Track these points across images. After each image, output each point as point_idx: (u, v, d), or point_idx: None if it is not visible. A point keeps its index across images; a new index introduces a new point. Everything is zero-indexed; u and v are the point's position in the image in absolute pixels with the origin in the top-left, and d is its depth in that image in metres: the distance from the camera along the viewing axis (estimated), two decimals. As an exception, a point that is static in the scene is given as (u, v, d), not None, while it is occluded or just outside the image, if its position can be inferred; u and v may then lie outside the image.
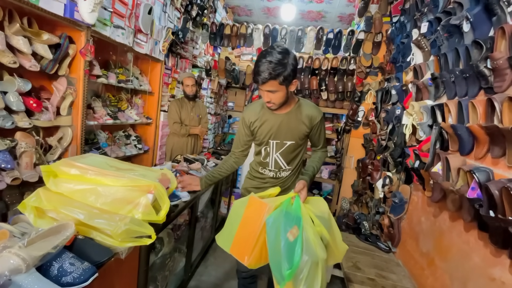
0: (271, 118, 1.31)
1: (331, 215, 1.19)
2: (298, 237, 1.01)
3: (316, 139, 1.42)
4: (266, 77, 1.11)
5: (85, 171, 0.96)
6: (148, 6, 2.09)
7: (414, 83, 1.87)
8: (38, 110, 1.52)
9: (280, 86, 1.14)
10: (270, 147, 1.35)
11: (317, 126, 1.35)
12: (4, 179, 1.35)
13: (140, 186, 0.98)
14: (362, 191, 2.96)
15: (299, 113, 1.31)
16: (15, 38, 1.34)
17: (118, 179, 0.96)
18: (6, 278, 0.64)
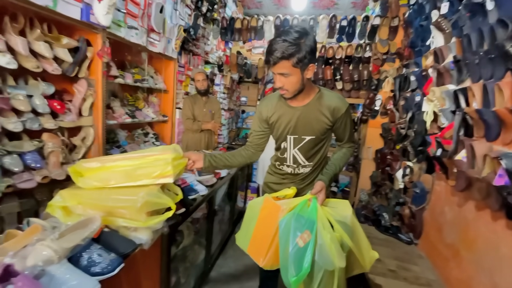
0: (288, 111, 1.21)
1: (355, 220, 1.09)
2: (309, 242, 0.95)
3: (340, 133, 1.27)
4: (277, 56, 1.00)
5: (104, 161, 0.99)
6: (159, 4, 2.12)
7: (435, 67, 1.78)
8: (62, 111, 1.59)
9: (293, 68, 1.03)
10: (287, 142, 1.26)
11: (341, 118, 1.20)
12: (34, 178, 1.43)
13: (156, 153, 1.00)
14: (381, 182, 2.89)
15: (320, 104, 1.18)
16: (37, 43, 1.41)
17: (135, 157, 0.99)
18: (40, 269, 0.69)
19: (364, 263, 1.08)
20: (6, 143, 1.38)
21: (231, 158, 1.33)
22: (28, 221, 1.01)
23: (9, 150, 1.35)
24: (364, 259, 1.08)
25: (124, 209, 0.91)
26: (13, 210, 1.46)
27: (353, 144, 1.35)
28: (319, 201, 1.07)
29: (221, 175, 2.01)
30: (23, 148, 1.41)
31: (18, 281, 0.61)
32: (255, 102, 4.63)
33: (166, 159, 0.98)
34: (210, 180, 1.83)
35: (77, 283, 0.70)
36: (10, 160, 1.35)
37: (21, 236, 0.89)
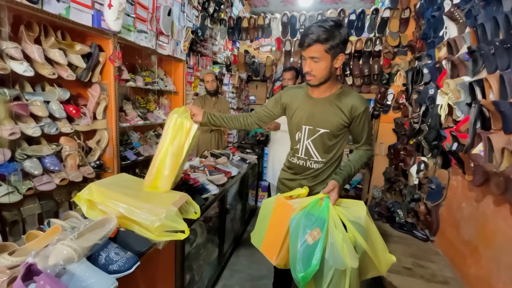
0: (307, 101, 1.25)
1: (369, 221, 1.06)
2: (319, 240, 0.94)
3: (357, 133, 1.26)
4: (313, 38, 1.04)
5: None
6: (167, 7, 2.15)
7: (449, 59, 1.72)
8: (78, 116, 1.65)
9: (325, 54, 1.06)
10: (302, 132, 1.28)
11: (358, 118, 1.20)
12: (53, 180, 1.49)
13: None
14: (395, 178, 2.83)
15: (339, 101, 1.20)
16: (52, 51, 1.46)
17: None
18: (61, 267, 0.73)
19: (380, 266, 1.04)
20: (26, 147, 1.45)
21: (229, 121, 1.38)
22: (49, 222, 1.06)
23: (29, 154, 1.41)
24: (380, 262, 1.04)
25: (141, 225, 0.96)
26: (34, 212, 1.53)
27: (370, 147, 1.33)
28: (331, 200, 1.06)
29: (232, 174, 2.03)
30: (42, 152, 1.47)
31: (41, 279, 0.64)
32: (264, 100, 4.62)
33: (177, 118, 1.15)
34: (221, 179, 1.85)
35: (96, 280, 0.73)
36: (30, 163, 1.41)
37: (43, 236, 0.94)
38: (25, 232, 1.49)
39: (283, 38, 3.39)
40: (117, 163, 1.92)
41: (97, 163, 1.78)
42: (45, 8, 1.30)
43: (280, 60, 3.60)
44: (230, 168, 2.11)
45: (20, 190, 1.34)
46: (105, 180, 1.16)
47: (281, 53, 3.51)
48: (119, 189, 1.04)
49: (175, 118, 1.15)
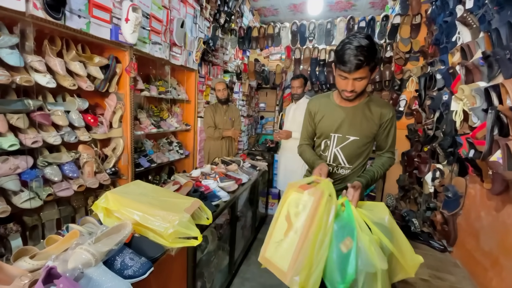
0: (336, 110, 1.26)
1: (393, 222, 1.05)
2: (352, 248, 0.92)
3: (382, 140, 1.28)
4: (361, 62, 1.03)
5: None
6: (180, 20, 2.23)
7: (463, 64, 1.69)
8: (95, 124, 1.72)
9: (368, 72, 1.09)
10: (330, 140, 1.29)
11: (385, 124, 1.22)
12: (71, 186, 1.55)
13: None
14: (409, 186, 2.76)
15: (367, 108, 1.22)
16: (72, 63, 1.54)
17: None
18: (79, 271, 0.75)
19: (408, 267, 1.01)
20: (47, 155, 1.52)
21: (315, 154, 1.37)
22: (67, 227, 1.10)
23: (49, 161, 1.48)
24: (407, 263, 1.01)
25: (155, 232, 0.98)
26: (53, 217, 1.59)
27: (393, 155, 1.33)
28: (353, 200, 1.05)
29: (242, 181, 2.04)
30: (62, 159, 1.54)
31: (60, 282, 0.67)
32: (274, 107, 4.65)
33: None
34: (232, 186, 1.86)
35: (112, 285, 0.75)
36: (51, 170, 1.47)
37: (62, 241, 0.97)
38: (44, 236, 1.56)
39: (292, 46, 3.43)
40: (132, 170, 1.97)
41: (113, 170, 1.84)
42: (67, 24, 1.38)
43: (289, 68, 3.64)
44: (240, 175, 2.12)
45: (41, 196, 1.40)
46: (120, 188, 1.20)
47: (291, 61, 3.55)
48: (134, 196, 1.07)
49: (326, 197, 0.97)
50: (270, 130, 4.71)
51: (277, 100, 4.42)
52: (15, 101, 1.34)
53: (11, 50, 1.25)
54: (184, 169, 2.91)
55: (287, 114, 2.82)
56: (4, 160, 1.28)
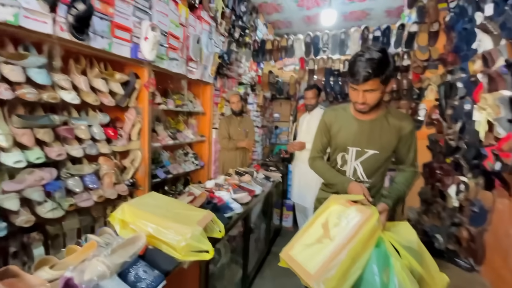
0: (353, 123, 1.23)
1: (421, 244, 1.03)
2: (390, 276, 0.90)
3: (403, 154, 1.23)
4: (369, 74, 1.03)
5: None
6: (196, 36, 2.32)
7: (485, 72, 1.63)
8: (115, 137, 1.80)
9: (380, 85, 1.08)
10: (348, 154, 1.26)
11: (405, 138, 1.19)
12: (91, 197, 1.62)
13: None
14: (432, 199, 2.63)
15: (386, 121, 1.20)
16: (95, 80, 1.64)
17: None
18: (94, 283, 0.77)
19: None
20: (70, 167, 1.60)
21: (332, 170, 1.34)
22: (86, 237, 1.14)
23: (72, 173, 1.56)
24: (436, 284, 1.00)
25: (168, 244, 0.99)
26: (74, 226, 1.65)
27: (416, 168, 1.27)
28: (381, 225, 1.01)
29: (256, 192, 2.03)
30: (84, 171, 1.61)
31: (77, 293, 0.69)
32: (288, 117, 4.64)
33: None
34: (245, 198, 1.85)
35: (125, 298, 0.76)
36: (73, 182, 1.55)
37: (80, 251, 1.01)
38: (65, 245, 1.62)
39: (306, 57, 3.44)
40: (148, 181, 2.03)
41: (130, 181, 1.90)
42: (91, 44, 1.48)
43: (303, 78, 3.64)
44: (254, 187, 2.12)
45: (63, 206, 1.47)
46: (136, 200, 1.23)
47: (305, 71, 3.56)
48: (149, 208, 1.09)
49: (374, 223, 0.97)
50: (284, 140, 4.69)
51: (291, 110, 4.42)
52: (42, 117, 1.43)
53: (39, 69, 1.35)
54: (199, 180, 2.95)
55: (300, 124, 2.81)
56: (30, 172, 1.36)
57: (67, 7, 1.32)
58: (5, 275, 0.82)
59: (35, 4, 1.22)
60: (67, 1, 1.32)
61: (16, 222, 1.27)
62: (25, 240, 1.40)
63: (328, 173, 1.33)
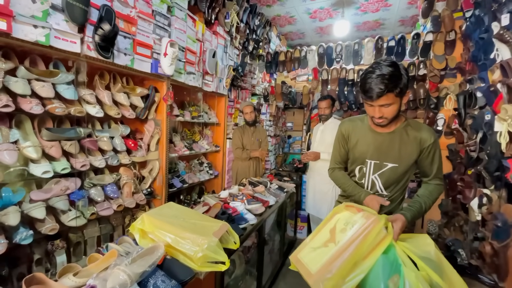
0: (371, 135, 1.22)
1: (440, 255, 1.00)
2: (400, 285, 0.87)
3: (426, 166, 1.21)
4: (382, 90, 1.02)
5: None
6: (212, 50, 2.41)
7: (504, 82, 1.58)
8: (135, 148, 1.87)
9: (395, 98, 1.07)
10: (366, 167, 1.24)
11: (427, 150, 1.16)
12: (111, 206, 1.68)
13: None
14: (453, 212, 2.53)
15: (405, 133, 1.18)
16: (118, 95, 1.73)
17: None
18: (117, 290, 0.80)
19: None
20: (92, 177, 1.67)
21: (352, 182, 1.32)
22: (107, 246, 1.18)
23: (94, 183, 1.63)
24: None
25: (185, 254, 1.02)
26: (95, 234, 1.72)
27: (441, 181, 1.25)
28: (394, 234, 0.99)
29: (270, 203, 2.04)
30: (105, 181, 1.68)
31: (101, 300, 0.72)
32: (301, 127, 4.65)
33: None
34: (259, 209, 1.86)
35: (145, 306, 0.79)
36: (95, 191, 1.62)
37: (102, 260, 1.05)
38: (86, 252, 1.68)
39: (319, 68, 3.46)
40: (165, 190, 2.08)
41: (148, 191, 1.96)
42: (115, 61, 1.57)
43: (317, 88, 3.66)
44: (267, 197, 2.12)
45: (85, 215, 1.53)
46: (155, 210, 1.27)
47: (318, 82, 3.57)
48: (167, 218, 1.13)
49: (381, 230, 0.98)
50: (297, 149, 4.68)
51: (305, 119, 4.43)
52: (69, 130, 1.52)
53: (68, 85, 1.45)
54: (213, 189, 2.99)
55: (314, 134, 2.80)
56: (56, 182, 1.44)
57: (94, 27, 1.42)
58: (32, 282, 0.87)
59: (64, 25, 1.32)
60: (94, 22, 1.42)
61: (42, 230, 1.34)
62: (49, 248, 1.46)
63: (347, 184, 1.32)
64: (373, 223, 0.97)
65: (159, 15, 1.83)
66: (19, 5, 1.15)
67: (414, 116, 3.18)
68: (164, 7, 1.88)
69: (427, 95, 2.97)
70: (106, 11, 1.44)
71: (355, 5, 3.53)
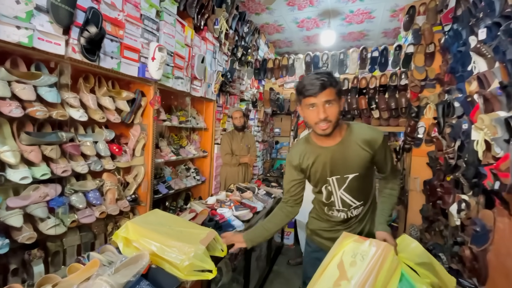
0: (321, 153, 1.17)
1: (428, 253, 1.01)
2: None
3: (381, 164, 1.20)
4: (324, 82, 1.02)
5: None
6: (201, 56, 2.41)
7: (481, 93, 1.68)
8: (119, 154, 1.82)
9: (336, 96, 1.06)
10: (330, 185, 1.19)
11: (380, 149, 1.14)
12: (94, 213, 1.62)
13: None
14: (434, 217, 2.62)
15: (354, 139, 1.14)
16: (103, 98, 1.69)
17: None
18: (99, 302, 0.77)
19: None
20: (74, 183, 1.61)
21: (272, 226, 1.31)
22: (88, 255, 1.14)
23: (76, 189, 1.57)
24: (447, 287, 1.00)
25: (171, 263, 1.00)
26: (75, 243, 1.64)
27: (397, 175, 1.26)
28: (394, 249, 0.97)
29: (257, 209, 2.03)
30: (87, 187, 1.62)
31: (81, 313, 0.69)
32: (289, 132, 4.71)
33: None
34: (246, 215, 1.86)
35: (128, 318, 0.76)
36: (76, 198, 1.56)
37: (83, 270, 1.00)
38: (65, 262, 1.60)
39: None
40: (150, 197, 2.04)
41: (133, 197, 1.91)
42: (101, 64, 1.54)
43: (304, 96, 3.72)
44: (255, 203, 2.12)
45: (66, 223, 1.47)
46: (140, 218, 1.24)
47: (306, 89, 3.64)
48: (152, 226, 1.10)
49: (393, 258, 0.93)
50: (285, 155, 4.72)
51: (292, 125, 4.48)
52: (50, 134, 1.46)
53: (50, 88, 1.39)
54: (200, 195, 2.94)
55: (301, 141, 2.84)
56: (35, 189, 1.38)
57: (80, 30, 1.39)
58: (9, 294, 0.82)
59: (49, 27, 1.28)
60: (80, 24, 1.39)
61: (19, 239, 1.27)
62: (26, 257, 1.39)
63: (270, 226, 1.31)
64: (385, 250, 0.91)
65: (147, 19, 1.82)
66: (2, 6, 1.11)
67: (397, 124, 3.30)
68: (153, 11, 1.86)
69: (409, 104, 3.09)
70: (93, 13, 1.42)
71: (341, 16, 3.65)
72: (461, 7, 2.13)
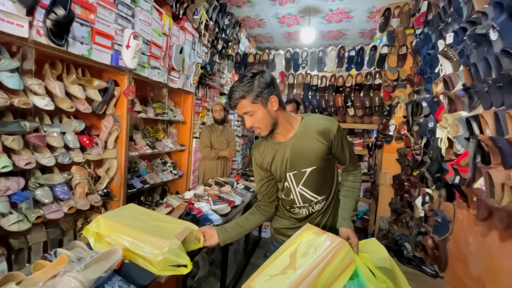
0: (279, 148, 1.13)
1: (392, 261, 1.00)
2: None
3: (339, 155, 1.14)
4: (235, 98, 1.02)
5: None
6: (179, 46, 2.33)
7: (446, 94, 1.80)
8: (90, 146, 1.73)
9: (253, 105, 1.02)
10: (288, 181, 1.15)
11: (336, 139, 1.09)
12: (61, 208, 1.53)
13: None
14: (401, 209, 2.79)
15: (309, 131, 1.10)
16: (72, 87, 1.58)
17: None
18: (67, 299, 0.74)
19: None
20: (39, 176, 1.51)
21: (245, 223, 1.25)
22: (55, 252, 1.08)
23: (41, 183, 1.47)
24: None
25: (144, 258, 0.97)
26: (40, 240, 1.55)
27: (357, 164, 1.21)
28: (353, 247, 0.97)
29: (236, 203, 2.04)
30: (54, 181, 1.53)
31: (47, 311, 0.66)
32: (269, 128, 4.73)
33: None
34: (225, 209, 1.85)
35: (99, 314, 0.73)
36: (42, 192, 1.46)
37: (49, 267, 0.95)
38: (30, 259, 1.51)
39: (286, 72, 3.57)
40: (124, 191, 1.96)
41: (105, 191, 1.83)
42: (69, 50, 1.44)
43: (283, 92, 3.76)
44: (233, 197, 2.12)
45: (30, 219, 1.38)
46: (113, 212, 1.19)
47: (285, 85, 3.67)
48: (126, 221, 1.07)
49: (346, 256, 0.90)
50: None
51: (271, 121, 4.51)
52: (11, 123, 1.35)
53: (11, 73, 1.29)
54: (177, 190, 2.89)
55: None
56: (-5, 182, 1.27)
57: (45, 11, 1.28)
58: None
59: (10, 6, 1.18)
60: (46, 6, 1.28)
61: (-24, 235, 1.18)
62: (-16, 255, 1.29)
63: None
64: (339, 246, 0.89)
65: (121, 4, 1.72)
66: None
67: (370, 121, 3.45)
68: (128, -4, 1.77)
69: (382, 103, 3.24)
70: (60, -6, 1.31)
71: (321, 14, 3.71)
72: (432, 12, 2.26)
